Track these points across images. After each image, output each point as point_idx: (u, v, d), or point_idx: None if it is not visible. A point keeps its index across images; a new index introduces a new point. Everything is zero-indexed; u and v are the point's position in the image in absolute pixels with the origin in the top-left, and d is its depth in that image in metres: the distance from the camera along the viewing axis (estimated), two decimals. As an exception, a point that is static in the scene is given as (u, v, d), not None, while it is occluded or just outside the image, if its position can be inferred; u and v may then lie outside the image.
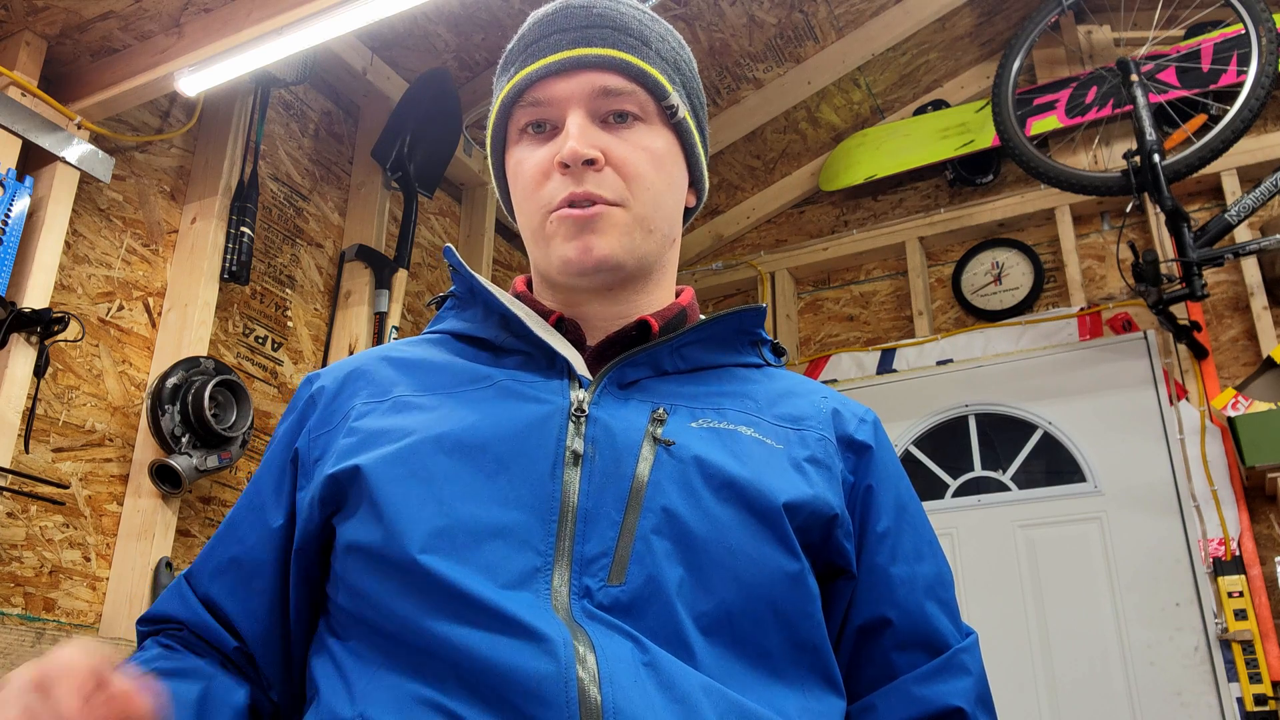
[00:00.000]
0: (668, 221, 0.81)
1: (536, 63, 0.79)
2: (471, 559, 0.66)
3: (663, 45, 0.82)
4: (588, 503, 0.69)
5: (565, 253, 0.77)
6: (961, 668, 0.74)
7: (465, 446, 0.71)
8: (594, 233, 0.76)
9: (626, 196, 0.77)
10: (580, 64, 0.77)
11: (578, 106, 0.77)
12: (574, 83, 0.78)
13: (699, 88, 0.87)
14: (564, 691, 0.59)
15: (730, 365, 0.83)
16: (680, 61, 0.84)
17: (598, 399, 0.74)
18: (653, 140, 0.79)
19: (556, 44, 0.79)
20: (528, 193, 0.80)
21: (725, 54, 3.21)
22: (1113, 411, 2.92)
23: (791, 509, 0.71)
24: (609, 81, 0.78)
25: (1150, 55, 3.06)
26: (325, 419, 0.78)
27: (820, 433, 0.79)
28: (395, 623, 0.66)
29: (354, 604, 0.69)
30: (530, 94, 0.79)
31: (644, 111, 0.79)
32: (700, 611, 0.66)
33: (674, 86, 0.81)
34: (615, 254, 0.77)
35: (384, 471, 0.70)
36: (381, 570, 0.67)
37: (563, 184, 0.77)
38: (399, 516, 0.67)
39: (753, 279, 3.72)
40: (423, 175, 2.85)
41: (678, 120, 0.81)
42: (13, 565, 1.97)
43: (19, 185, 1.99)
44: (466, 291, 0.85)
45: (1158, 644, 2.65)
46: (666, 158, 0.80)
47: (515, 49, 0.83)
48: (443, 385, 0.78)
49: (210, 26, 2.08)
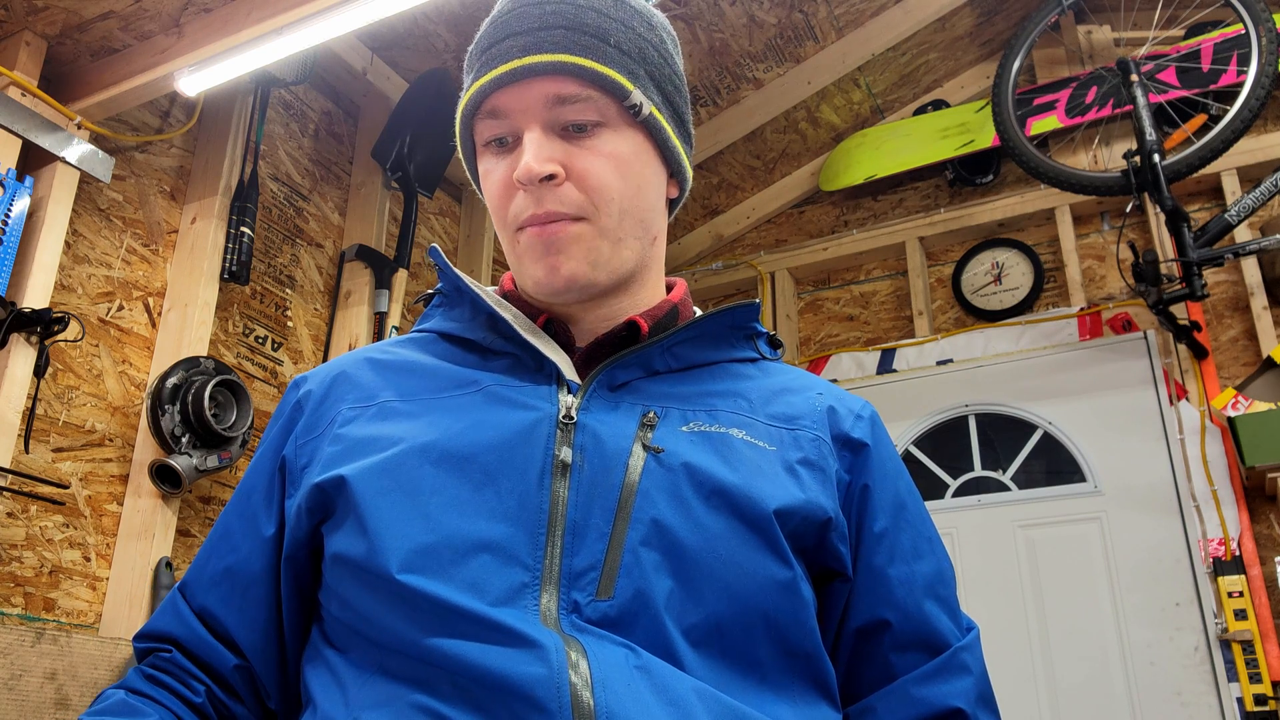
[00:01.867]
0: (641, 225, 0.78)
1: (489, 73, 0.75)
2: (457, 576, 0.65)
3: (625, 35, 0.77)
4: (576, 514, 0.68)
5: (535, 273, 0.75)
6: (961, 667, 0.74)
7: (452, 457, 0.70)
8: (559, 252, 0.74)
9: (590, 209, 0.74)
10: (531, 72, 0.73)
11: (534, 120, 0.74)
12: (527, 93, 0.74)
13: (673, 70, 0.82)
14: (557, 696, 0.59)
15: (724, 361, 0.82)
16: (646, 48, 0.78)
17: (586, 404, 0.73)
18: (617, 145, 0.76)
19: (508, 50, 0.75)
20: (495, 209, 0.78)
21: (725, 54, 3.21)
22: (1113, 411, 2.92)
23: (783, 515, 0.70)
24: (562, 89, 0.74)
25: (1150, 55, 3.06)
26: (311, 425, 0.77)
27: (814, 432, 0.78)
28: (386, 634, 0.65)
29: (345, 614, 0.69)
30: (487, 105, 0.76)
31: (604, 116, 0.75)
32: (690, 624, 0.66)
33: (636, 82, 0.76)
34: (582, 272, 0.75)
35: (369, 483, 0.69)
36: (368, 584, 0.67)
37: (525, 202, 0.74)
38: (384, 532, 0.67)
39: (753, 279, 3.72)
40: (423, 175, 2.85)
41: (644, 118, 0.77)
42: (13, 565, 1.97)
43: (19, 185, 1.99)
44: (453, 290, 0.83)
45: (1158, 644, 2.65)
46: (634, 160, 0.77)
47: (474, 52, 0.79)
48: (429, 390, 0.76)
49: (210, 26, 2.08)
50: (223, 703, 0.75)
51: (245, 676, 0.75)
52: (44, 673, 1.82)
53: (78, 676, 1.88)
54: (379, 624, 0.66)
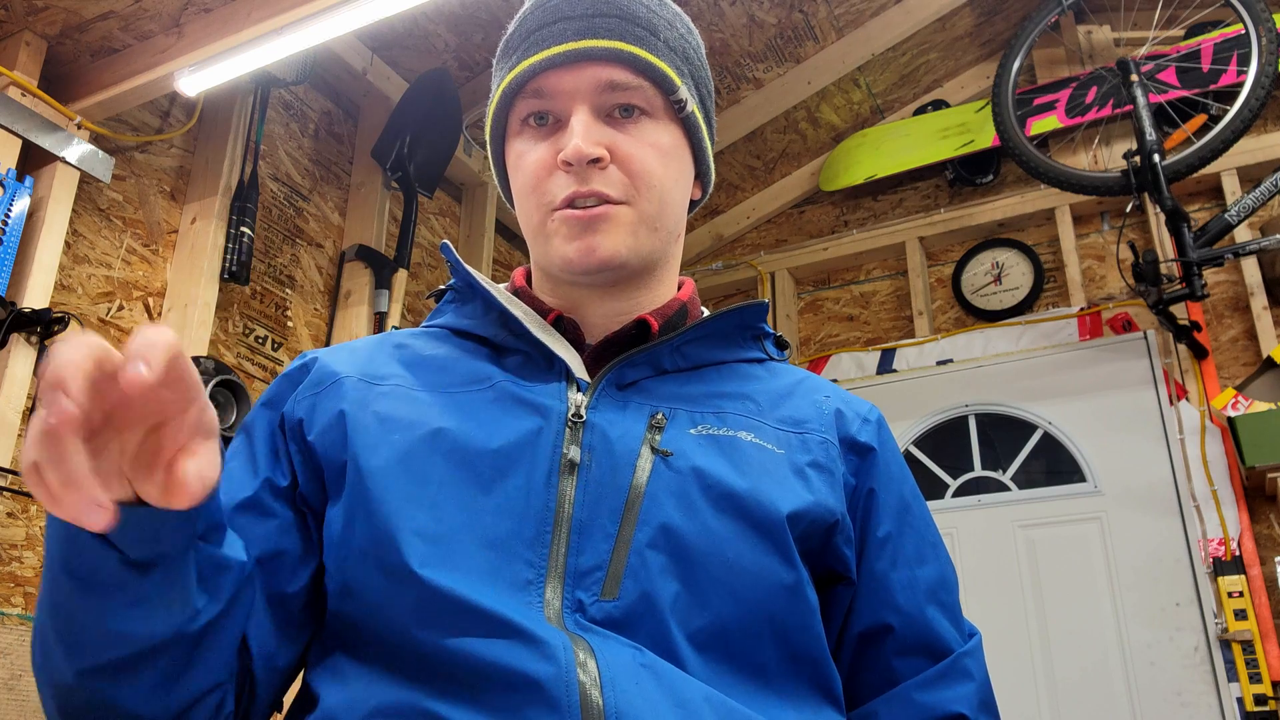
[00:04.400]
0: (673, 218, 0.79)
1: (540, 53, 0.75)
2: (463, 568, 0.64)
3: (671, 33, 0.79)
4: (582, 513, 0.68)
5: (566, 252, 0.75)
6: (964, 673, 0.74)
7: (462, 451, 0.70)
8: (597, 233, 0.74)
9: (633, 194, 0.75)
10: (586, 56, 0.74)
11: (582, 102, 0.74)
12: (579, 76, 0.74)
13: (707, 75, 0.84)
14: (566, 694, 0.58)
15: (732, 362, 0.82)
16: (689, 49, 0.81)
17: (595, 403, 0.73)
18: (660, 135, 0.77)
19: (561, 33, 0.75)
20: (529, 188, 0.77)
21: (725, 54, 3.21)
22: (1113, 411, 2.92)
23: (793, 519, 0.70)
24: (615, 75, 0.74)
25: (1150, 55, 3.06)
26: (316, 383, 0.76)
27: (822, 435, 0.77)
28: (388, 627, 0.65)
29: (347, 605, 0.68)
30: (533, 85, 0.76)
31: (651, 106, 0.76)
32: (695, 628, 0.65)
33: (682, 78, 0.78)
34: (619, 253, 0.75)
35: (380, 468, 0.68)
36: (373, 571, 0.66)
37: (566, 182, 0.74)
38: (391, 519, 0.66)
39: (753, 279, 3.72)
40: (423, 175, 2.85)
41: (686, 114, 0.78)
42: (13, 565, 1.97)
43: (19, 185, 1.99)
44: (465, 287, 0.83)
45: (1158, 644, 2.65)
46: (673, 153, 0.78)
47: (516, 34, 0.79)
48: (443, 384, 0.76)
49: (210, 26, 2.08)
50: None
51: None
52: (44, 673, 1.82)
53: (78, 677, 1.88)
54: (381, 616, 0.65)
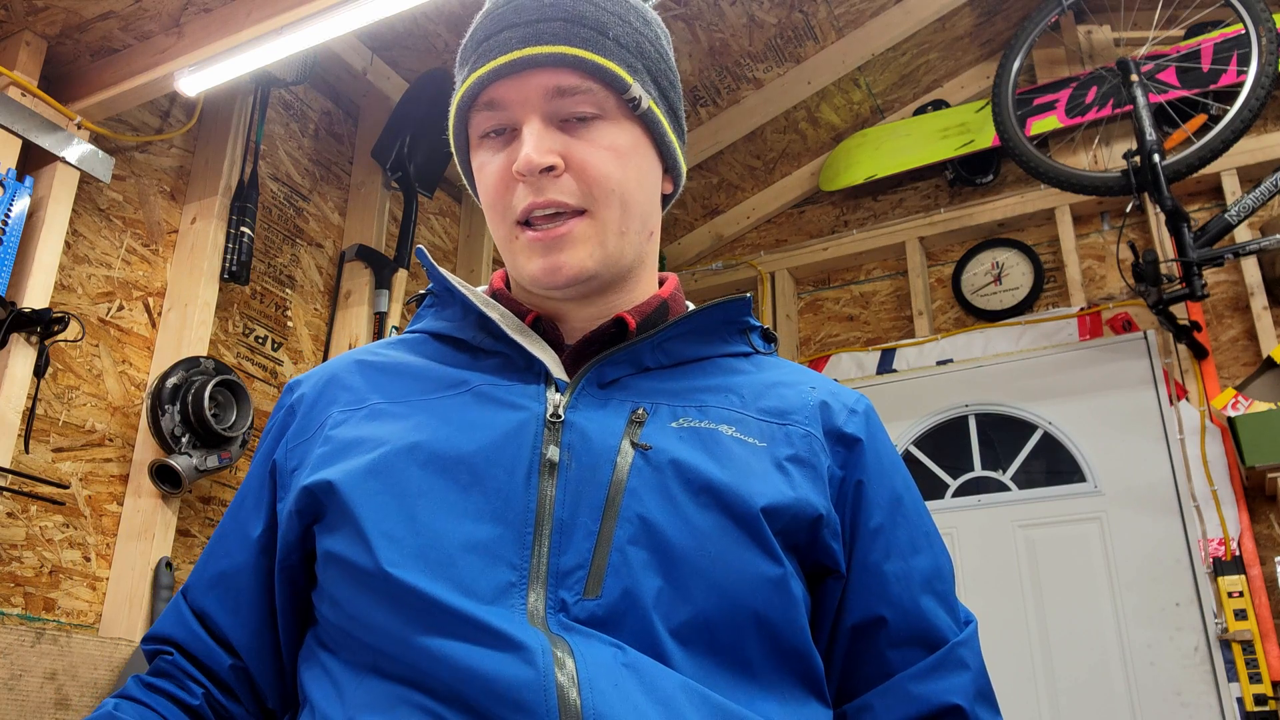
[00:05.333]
0: (640, 218, 0.78)
1: (487, 65, 0.75)
2: (446, 575, 0.65)
3: (623, 29, 0.77)
4: (563, 513, 0.68)
5: (532, 270, 0.75)
6: (959, 663, 0.73)
7: (439, 458, 0.70)
8: (561, 251, 0.74)
9: (591, 200, 0.74)
10: (531, 63, 0.73)
11: (533, 110, 0.74)
12: (526, 84, 0.74)
13: (668, 66, 0.82)
14: (544, 699, 0.59)
15: (716, 356, 0.81)
16: (644, 43, 0.79)
17: (575, 402, 0.73)
18: (616, 137, 0.75)
19: (506, 42, 0.74)
20: (491, 202, 0.77)
21: (725, 54, 3.21)
22: (1113, 411, 2.92)
23: (771, 513, 0.70)
24: (562, 80, 0.73)
25: (1150, 55, 3.06)
26: (302, 429, 0.78)
27: (806, 428, 0.77)
28: (376, 634, 0.66)
29: (337, 616, 0.69)
30: (484, 97, 0.76)
31: (603, 108, 0.75)
32: (678, 623, 0.65)
33: (635, 75, 0.76)
34: (586, 267, 0.75)
35: (358, 485, 0.69)
36: (359, 583, 0.67)
37: (524, 193, 0.74)
38: (373, 532, 0.67)
39: (753, 279, 3.72)
40: (422, 175, 2.86)
41: (642, 111, 0.77)
42: (13, 565, 1.97)
43: (19, 185, 1.99)
44: (444, 291, 0.84)
45: (1158, 644, 2.65)
46: (633, 153, 0.77)
47: (468, 45, 0.79)
48: (418, 392, 0.76)
49: (210, 26, 2.08)
50: (220, 704, 0.75)
51: (242, 677, 0.76)
52: (44, 673, 1.83)
53: (77, 677, 1.88)
54: (368, 623, 0.66)
